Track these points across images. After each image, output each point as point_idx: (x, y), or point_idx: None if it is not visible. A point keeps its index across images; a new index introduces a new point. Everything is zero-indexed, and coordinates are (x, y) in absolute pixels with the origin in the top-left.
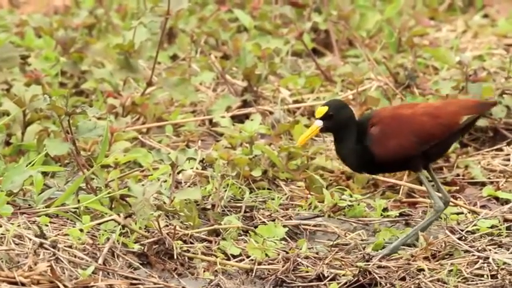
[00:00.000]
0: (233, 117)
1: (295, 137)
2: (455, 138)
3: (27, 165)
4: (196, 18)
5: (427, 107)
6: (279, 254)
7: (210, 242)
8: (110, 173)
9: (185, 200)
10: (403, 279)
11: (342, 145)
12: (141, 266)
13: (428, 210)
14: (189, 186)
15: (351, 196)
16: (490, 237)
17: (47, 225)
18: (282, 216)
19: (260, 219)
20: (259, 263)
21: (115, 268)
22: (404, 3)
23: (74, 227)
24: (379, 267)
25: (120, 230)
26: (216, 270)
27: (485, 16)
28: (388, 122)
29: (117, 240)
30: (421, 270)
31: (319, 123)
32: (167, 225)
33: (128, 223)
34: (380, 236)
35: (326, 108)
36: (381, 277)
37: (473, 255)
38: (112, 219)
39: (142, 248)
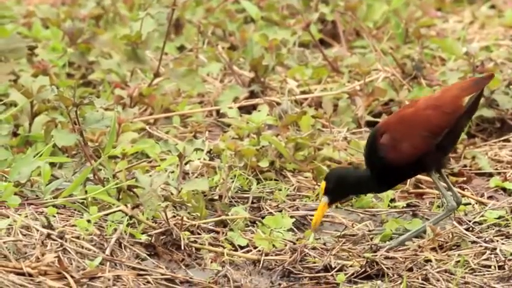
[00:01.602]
0: (240, 108)
1: (303, 128)
2: (465, 122)
3: (34, 156)
4: (203, 9)
5: (428, 100)
6: (286, 245)
7: (218, 232)
8: (117, 163)
9: (192, 190)
10: (411, 270)
11: (359, 189)
12: (148, 257)
13: (435, 201)
14: (196, 177)
15: None
16: (497, 228)
17: (55, 216)
18: (289, 207)
19: (267, 210)
20: (267, 254)
21: (122, 259)
22: None
23: (81, 217)
24: (387, 258)
25: (128, 220)
26: (223, 261)
27: (492, 7)
28: (395, 126)
29: (125, 231)
30: (428, 261)
31: (325, 200)
32: (174, 216)
33: (135, 214)
34: (387, 227)
35: (324, 184)
36: (388, 268)
37: (481, 246)
38: (119, 210)
39: (150, 238)
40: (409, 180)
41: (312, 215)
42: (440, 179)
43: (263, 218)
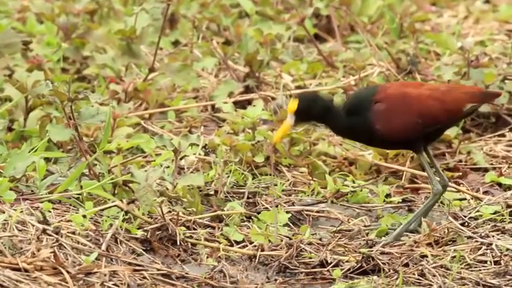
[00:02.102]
0: (235, 103)
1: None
2: (455, 124)
3: (29, 151)
4: (197, 4)
5: (434, 90)
6: (282, 240)
7: (213, 228)
8: (112, 158)
9: (188, 186)
10: (406, 265)
11: (334, 126)
12: (144, 252)
13: (431, 195)
14: (191, 172)
15: (354, 182)
16: (493, 223)
17: (50, 211)
18: (285, 202)
19: (263, 205)
20: (262, 249)
21: (118, 254)
22: None
23: (77, 213)
24: (382, 253)
25: (123, 216)
26: (219, 256)
27: (487, 1)
28: (394, 100)
29: (120, 226)
30: (424, 256)
31: (290, 120)
32: (170, 211)
33: (130, 209)
34: (383, 222)
35: (296, 104)
36: (384, 263)
37: (476, 241)
38: (115, 205)
39: (146, 234)
40: (404, 175)
41: (308, 210)
42: (428, 159)
43: (259, 213)
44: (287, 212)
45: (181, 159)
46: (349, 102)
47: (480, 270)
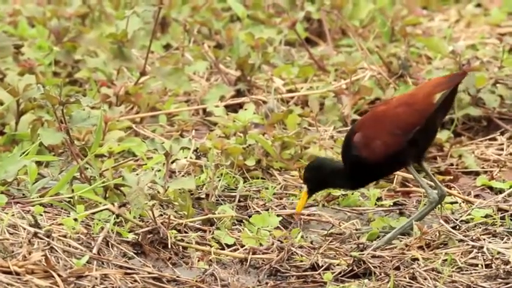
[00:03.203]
0: (227, 107)
1: (289, 126)
2: (438, 119)
3: (21, 155)
4: (189, 8)
5: (401, 98)
6: (273, 244)
7: (204, 231)
8: (104, 162)
9: (179, 189)
10: (398, 268)
11: (334, 183)
12: (135, 256)
13: (422, 199)
14: (183, 176)
15: None
16: (484, 227)
17: (41, 215)
18: (276, 206)
19: (254, 208)
20: (254, 253)
21: (109, 257)
22: None
23: (68, 216)
24: (374, 256)
25: (115, 219)
26: (210, 260)
27: (478, 5)
28: (368, 124)
29: (112, 230)
30: (415, 259)
31: (305, 189)
32: (161, 215)
33: (122, 212)
34: (374, 226)
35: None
36: (375, 267)
37: (468, 244)
38: (106, 209)
39: (137, 237)
40: (395, 178)
41: (299, 214)
42: (422, 172)
43: (250, 216)
44: (278, 216)
45: (172, 162)
46: (342, 155)
47: (471, 273)
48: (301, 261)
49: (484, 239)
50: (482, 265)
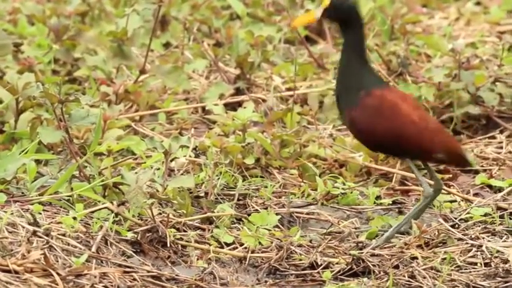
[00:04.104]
0: (226, 105)
1: (288, 125)
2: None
3: (20, 153)
4: (188, 6)
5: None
6: (272, 242)
7: (203, 230)
8: (103, 160)
9: (178, 187)
10: (397, 267)
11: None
12: (134, 254)
13: (421, 198)
14: (182, 174)
15: (344, 184)
16: (483, 225)
17: (40, 213)
18: (275, 204)
19: (253, 207)
20: (253, 251)
21: (108, 256)
22: None
23: (67, 215)
24: (373, 255)
25: (114, 218)
26: (209, 258)
27: (478, 3)
28: (384, 107)
29: (110, 228)
30: (414, 258)
31: (318, 12)
32: (160, 213)
33: (121, 211)
34: (373, 224)
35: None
36: (374, 265)
37: (467, 243)
38: (105, 207)
39: (136, 236)
40: (394, 177)
41: (299, 212)
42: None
43: (249, 215)
44: (277, 214)
45: (171, 161)
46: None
47: (470, 272)
48: (300, 259)
49: (483, 238)
50: (481, 264)
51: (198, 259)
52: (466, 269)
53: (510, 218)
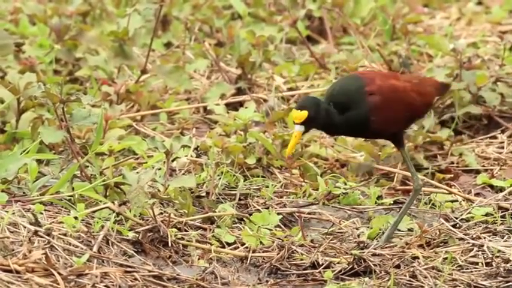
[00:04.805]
0: (227, 105)
1: (290, 125)
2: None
3: (21, 153)
4: (190, 6)
5: (411, 82)
6: (273, 242)
7: (205, 229)
8: (104, 160)
9: (180, 187)
10: (398, 267)
11: (330, 127)
12: (135, 254)
13: (422, 198)
14: (183, 174)
15: (345, 184)
16: (484, 225)
17: (42, 213)
18: (277, 204)
19: (254, 206)
20: (254, 251)
21: (109, 256)
22: None
23: (68, 214)
24: (374, 255)
25: (115, 217)
26: (210, 258)
27: (480, 3)
28: (387, 93)
29: (112, 228)
30: (415, 258)
31: (300, 129)
32: (162, 213)
33: (122, 211)
34: (374, 224)
35: (306, 113)
36: (375, 265)
37: (468, 243)
38: (106, 207)
39: (137, 235)
40: (395, 176)
41: (300, 212)
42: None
43: (250, 214)
44: (278, 214)
45: (173, 161)
46: (336, 96)
47: (472, 271)
48: (302, 259)
49: (485, 238)
50: (482, 263)
51: (199, 259)
52: (468, 269)
53: (511, 218)
